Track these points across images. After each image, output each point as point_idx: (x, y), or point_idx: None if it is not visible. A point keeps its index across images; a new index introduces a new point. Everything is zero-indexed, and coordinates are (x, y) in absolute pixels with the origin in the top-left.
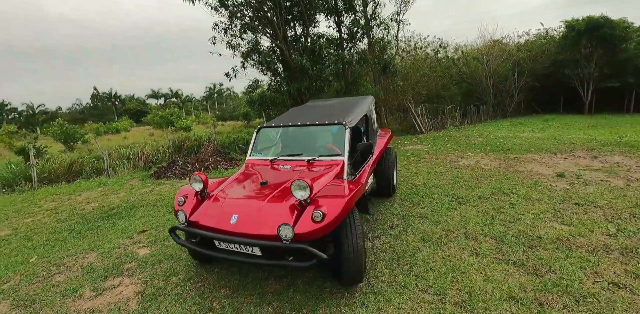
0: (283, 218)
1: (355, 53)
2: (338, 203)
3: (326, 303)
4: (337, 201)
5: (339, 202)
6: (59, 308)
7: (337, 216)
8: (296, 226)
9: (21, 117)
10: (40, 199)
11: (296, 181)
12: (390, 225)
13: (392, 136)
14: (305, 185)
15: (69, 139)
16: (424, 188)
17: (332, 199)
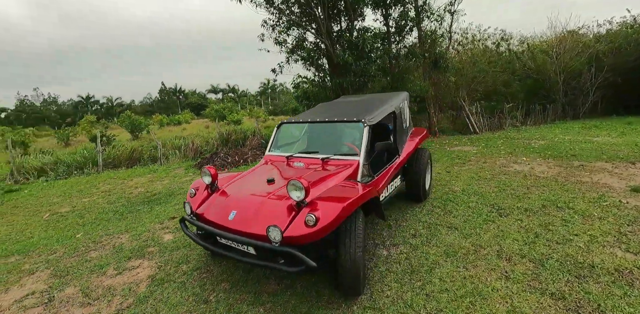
0: (277, 218)
1: (404, 48)
2: (335, 208)
3: (319, 313)
4: (335, 205)
5: (336, 207)
6: (84, 282)
7: (331, 222)
8: (288, 228)
9: (102, 109)
10: (100, 182)
11: (292, 181)
12: (413, 234)
13: (427, 136)
14: (301, 186)
15: (134, 129)
16: (462, 195)
17: (330, 202)
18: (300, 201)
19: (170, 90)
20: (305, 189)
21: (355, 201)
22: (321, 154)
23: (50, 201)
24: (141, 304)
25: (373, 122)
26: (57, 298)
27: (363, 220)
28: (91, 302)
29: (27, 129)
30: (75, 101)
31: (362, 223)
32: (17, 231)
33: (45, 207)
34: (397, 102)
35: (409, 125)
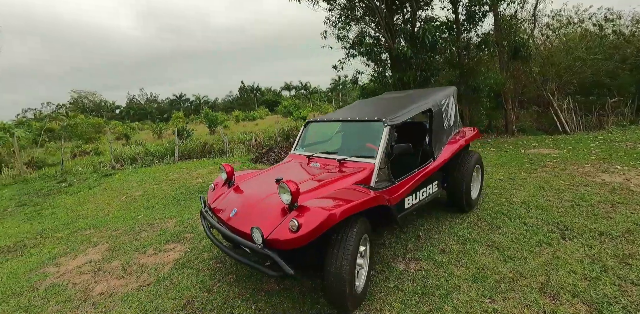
0: (268, 219)
1: (476, 36)
2: (320, 215)
3: None
4: (321, 212)
5: (322, 214)
6: (127, 258)
7: (313, 229)
8: (273, 232)
9: (192, 106)
10: (172, 171)
11: (281, 183)
12: (442, 249)
13: (477, 136)
14: (288, 189)
15: (211, 124)
16: (520, 208)
17: (319, 208)
18: (291, 205)
19: (249, 88)
20: (292, 193)
21: (350, 208)
22: (340, 155)
23: (130, 186)
24: (158, 284)
25: (396, 121)
26: (103, 269)
27: (360, 231)
28: (125, 276)
29: (133, 123)
30: (171, 99)
31: (358, 233)
32: (99, 209)
33: (124, 191)
34: (437, 98)
35: (454, 124)
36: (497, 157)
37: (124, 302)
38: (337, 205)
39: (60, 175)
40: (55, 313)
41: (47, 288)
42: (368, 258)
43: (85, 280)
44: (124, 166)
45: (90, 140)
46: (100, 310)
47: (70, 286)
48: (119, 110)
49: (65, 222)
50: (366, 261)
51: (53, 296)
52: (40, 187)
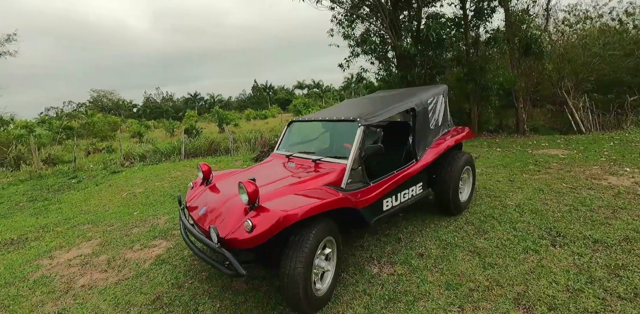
0: (229, 219)
1: (485, 32)
2: (274, 216)
3: None
4: (275, 213)
5: (275, 215)
6: (114, 253)
7: (266, 230)
8: (232, 231)
9: (206, 104)
10: (175, 169)
11: (240, 183)
12: (421, 253)
13: (469, 136)
14: (244, 189)
15: (221, 122)
16: (513, 212)
17: (275, 210)
18: (250, 205)
19: (262, 86)
20: (249, 193)
21: (308, 210)
22: (317, 155)
23: (133, 183)
24: (135, 279)
25: (371, 121)
26: (91, 262)
27: (321, 233)
28: (108, 270)
29: (149, 122)
30: (186, 98)
31: (317, 236)
32: (101, 205)
33: (127, 187)
34: (423, 97)
35: (443, 123)
36: (500, 158)
37: (101, 295)
38: (296, 206)
39: (72, 171)
40: (38, 302)
41: (36, 279)
42: (335, 261)
43: (71, 273)
44: (133, 163)
45: (106, 138)
46: (78, 302)
47: (57, 278)
48: (136, 109)
49: (68, 217)
50: (332, 264)
51: (39, 287)
52: (52, 183)
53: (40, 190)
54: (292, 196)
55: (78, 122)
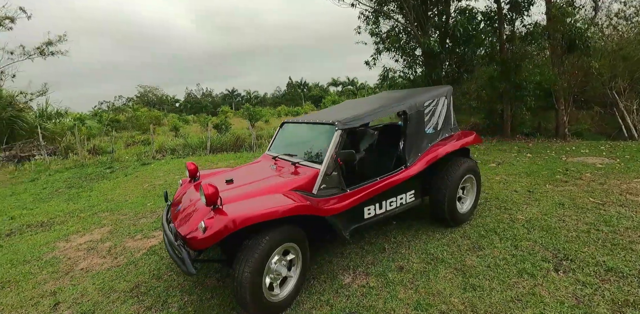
0: (196, 218)
1: (523, 27)
2: (223, 220)
3: None
4: (224, 217)
5: (224, 219)
6: (117, 241)
7: (214, 233)
8: (192, 231)
9: (242, 100)
10: (197, 163)
11: (201, 185)
12: (401, 266)
13: (475, 141)
14: (203, 191)
15: (251, 118)
16: (520, 228)
17: (225, 213)
18: (211, 206)
19: (296, 83)
20: (205, 195)
21: (261, 215)
22: (298, 158)
23: (156, 175)
24: (125, 267)
25: (350, 125)
26: (96, 248)
27: (277, 239)
28: (106, 256)
29: (188, 116)
30: (224, 94)
31: (271, 241)
32: (123, 195)
33: (150, 179)
34: (419, 99)
35: (443, 127)
36: (527, 165)
37: (92, 279)
38: (252, 210)
39: (110, 162)
40: (41, 281)
41: (47, 260)
42: (299, 268)
43: (77, 256)
44: (164, 156)
45: (147, 131)
46: (73, 283)
47: (64, 260)
48: (178, 104)
49: (92, 204)
50: (296, 271)
51: (48, 266)
52: (90, 172)
53: (79, 178)
54: (254, 200)
55: (125, 116)
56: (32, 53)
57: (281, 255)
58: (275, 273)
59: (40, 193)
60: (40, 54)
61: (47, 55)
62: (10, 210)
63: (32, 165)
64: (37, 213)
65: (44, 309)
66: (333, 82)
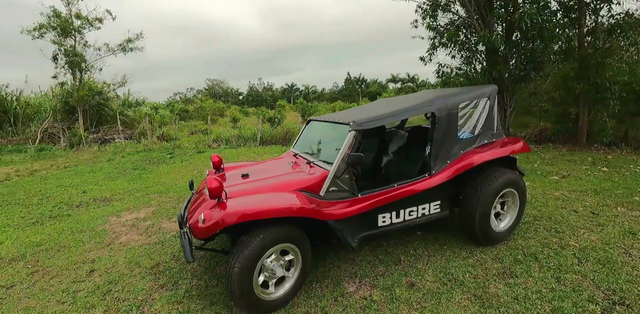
0: (203, 209)
1: (610, 17)
2: (217, 214)
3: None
4: (220, 212)
5: (219, 214)
6: (156, 221)
7: (209, 226)
8: (195, 221)
9: (300, 95)
10: (244, 154)
11: (207, 178)
12: (412, 283)
13: (518, 151)
14: (206, 185)
15: (304, 113)
16: (571, 257)
17: (223, 208)
18: (216, 199)
19: (354, 79)
20: (209, 189)
21: (254, 214)
22: (314, 157)
23: (206, 163)
24: (155, 246)
25: (365, 126)
26: (137, 225)
27: (272, 238)
28: (143, 234)
29: (250, 108)
30: (283, 88)
31: (265, 240)
32: (175, 179)
33: (200, 166)
34: (453, 100)
35: (483, 132)
36: (599, 180)
37: (125, 252)
38: (248, 207)
39: (172, 148)
40: (87, 249)
41: (98, 231)
42: (299, 269)
43: (121, 231)
44: (219, 145)
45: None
46: (110, 254)
47: (110, 233)
48: (241, 97)
49: (147, 185)
50: (294, 272)
51: (96, 237)
52: (155, 156)
53: (144, 161)
54: (257, 197)
55: (193, 106)
56: (116, 49)
57: (278, 254)
58: (270, 272)
59: (112, 172)
60: (122, 50)
61: (127, 51)
62: (85, 184)
63: (112, 147)
64: (104, 189)
65: (81, 274)
66: (392, 79)
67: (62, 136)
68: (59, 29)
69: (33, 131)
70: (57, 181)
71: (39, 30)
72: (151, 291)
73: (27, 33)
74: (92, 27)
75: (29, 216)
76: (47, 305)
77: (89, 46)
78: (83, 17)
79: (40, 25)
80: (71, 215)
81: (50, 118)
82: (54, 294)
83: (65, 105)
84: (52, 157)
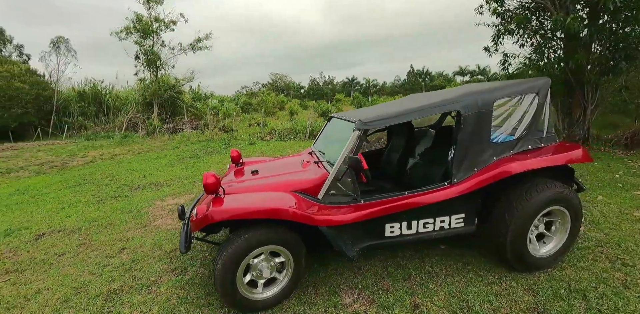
0: (201, 203)
1: None
2: (205, 211)
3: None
4: (208, 209)
5: (205, 211)
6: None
7: (198, 221)
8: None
9: (361, 88)
10: (290, 147)
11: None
12: (416, 304)
13: (574, 160)
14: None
15: (360, 107)
16: (634, 301)
17: (216, 205)
18: (214, 194)
19: (417, 72)
20: (204, 184)
21: (238, 214)
22: (325, 156)
23: (253, 154)
24: (174, 232)
25: (372, 125)
26: (174, 211)
27: (259, 239)
28: (175, 219)
29: (310, 102)
30: (344, 82)
31: (250, 241)
32: (220, 168)
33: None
34: (487, 96)
35: (527, 135)
36: None
37: (155, 235)
38: (236, 206)
39: (228, 139)
40: (128, 228)
41: (141, 213)
42: (290, 272)
43: (159, 214)
44: (272, 138)
45: (270, 114)
46: (142, 235)
47: (150, 215)
48: (302, 90)
49: (196, 173)
50: (285, 274)
51: (138, 218)
52: (212, 146)
53: (202, 150)
54: (252, 195)
55: (256, 100)
56: (187, 48)
57: (268, 255)
58: (257, 272)
59: (172, 159)
60: (192, 49)
61: (196, 50)
62: (148, 169)
63: (180, 136)
64: (161, 175)
65: (114, 250)
66: (460, 71)
67: (141, 125)
68: (140, 31)
69: (120, 120)
70: (128, 165)
71: (124, 33)
72: (162, 274)
73: (114, 35)
74: (168, 28)
75: (97, 194)
76: (80, 274)
77: (165, 46)
78: (160, 20)
79: (126, 28)
80: (128, 196)
81: (134, 109)
82: (88, 266)
83: (145, 98)
84: (131, 143)
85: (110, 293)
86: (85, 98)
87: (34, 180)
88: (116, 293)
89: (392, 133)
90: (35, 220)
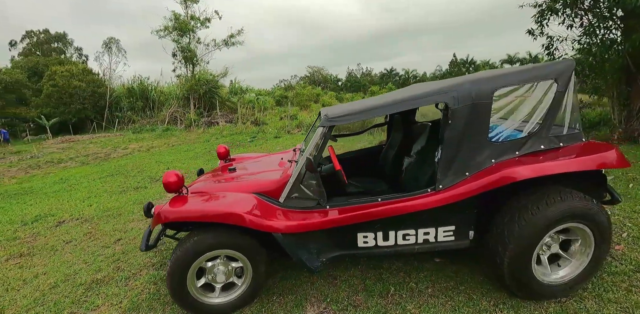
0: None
1: None
2: (159, 210)
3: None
4: (163, 208)
5: (158, 209)
6: None
7: (154, 219)
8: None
9: (400, 79)
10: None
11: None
12: None
13: (604, 165)
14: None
15: None
16: None
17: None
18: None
19: (461, 61)
20: (164, 183)
21: (185, 216)
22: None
23: (274, 148)
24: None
25: (337, 121)
26: None
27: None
28: None
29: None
30: (382, 73)
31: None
32: None
33: (267, 151)
34: (487, 84)
35: (541, 131)
36: None
37: None
38: (188, 208)
39: (257, 132)
40: (131, 219)
41: None
42: (249, 279)
43: None
44: (300, 131)
45: (304, 107)
46: (140, 227)
47: None
48: (340, 83)
49: (213, 166)
50: (244, 281)
51: None
52: (239, 139)
53: (228, 143)
54: (212, 196)
55: (292, 93)
56: (221, 44)
57: (224, 259)
58: (212, 276)
59: (199, 152)
60: (225, 45)
61: (229, 45)
62: (174, 162)
63: (214, 129)
64: (183, 167)
65: (110, 241)
66: (508, 59)
67: (181, 119)
68: (177, 30)
69: (163, 114)
70: (158, 158)
71: (163, 31)
72: (143, 268)
73: (155, 33)
74: (203, 26)
75: (123, 185)
76: (75, 262)
77: (200, 43)
78: (196, 18)
79: (165, 27)
80: (147, 187)
81: (175, 104)
82: (85, 254)
83: (184, 93)
84: (170, 136)
85: (92, 282)
86: (134, 94)
87: (76, 170)
88: (97, 283)
89: (391, 128)
90: (63, 208)
